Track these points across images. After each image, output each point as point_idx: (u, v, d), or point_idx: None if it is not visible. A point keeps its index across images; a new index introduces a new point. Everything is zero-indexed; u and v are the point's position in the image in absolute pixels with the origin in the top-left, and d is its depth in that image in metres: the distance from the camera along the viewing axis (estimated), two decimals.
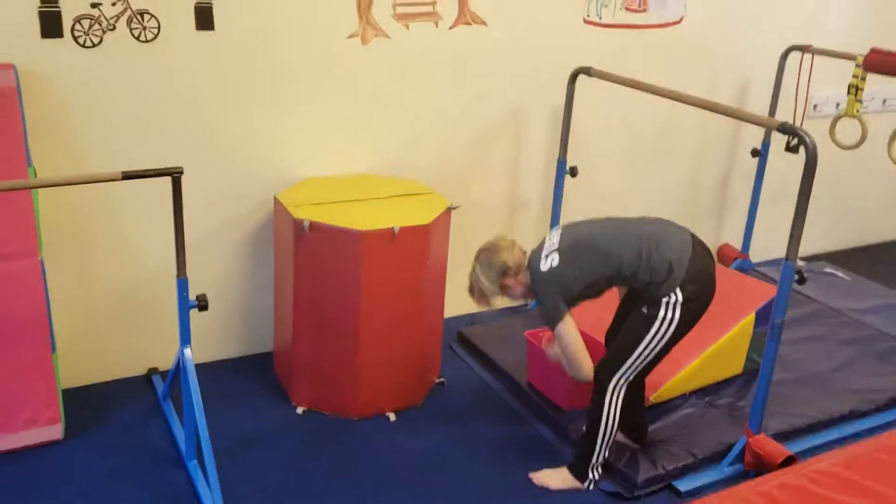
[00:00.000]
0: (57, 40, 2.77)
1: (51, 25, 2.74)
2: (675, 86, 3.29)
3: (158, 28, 2.91)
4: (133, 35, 2.88)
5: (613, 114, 3.96)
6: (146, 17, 2.88)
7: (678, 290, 2.53)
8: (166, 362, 3.32)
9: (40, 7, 2.72)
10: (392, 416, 3.14)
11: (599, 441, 2.68)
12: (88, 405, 3.08)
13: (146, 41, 2.91)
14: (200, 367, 3.26)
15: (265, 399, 3.24)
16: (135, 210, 3.10)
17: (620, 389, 2.65)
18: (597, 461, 2.73)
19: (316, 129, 3.33)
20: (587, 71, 3.51)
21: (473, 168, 3.74)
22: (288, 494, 2.70)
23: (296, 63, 3.19)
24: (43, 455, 2.80)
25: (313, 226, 2.89)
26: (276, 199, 3.13)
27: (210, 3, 2.96)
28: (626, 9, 3.79)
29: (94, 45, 2.83)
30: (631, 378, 2.65)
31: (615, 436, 2.72)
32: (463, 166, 3.70)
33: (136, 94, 2.96)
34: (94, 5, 2.79)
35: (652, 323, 2.56)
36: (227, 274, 3.37)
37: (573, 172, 3.74)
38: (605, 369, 2.65)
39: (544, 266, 2.60)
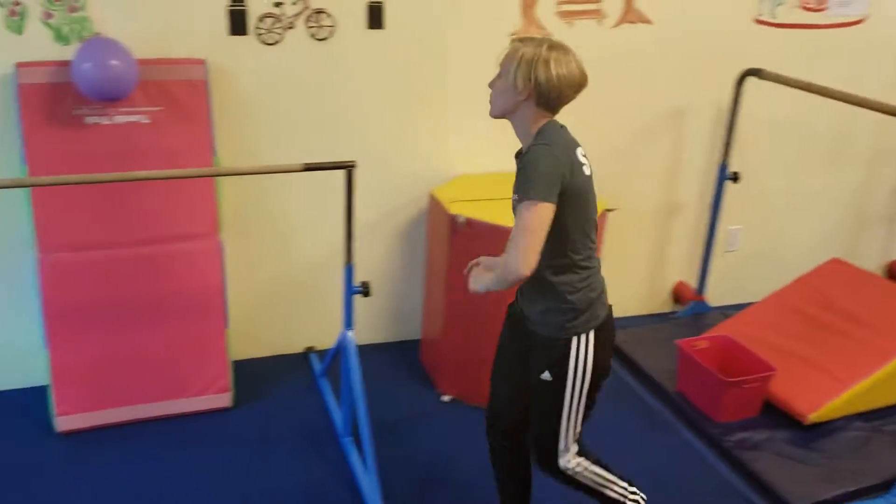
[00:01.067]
0: (242, 37, 2.97)
1: (238, 23, 2.94)
2: (853, 88, 3.12)
3: (334, 26, 3.06)
4: (310, 33, 3.04)
5: (780, 117, 3.79)
6: (323, 15, 3.03)
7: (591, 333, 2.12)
8: (321, 342, 3.52)
9: (230, 6, 2.92)
10: None
11: (609, 494, 2.33)
12: (253, 377, 3.30)
13: (321, 39, 3.06)
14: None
15: (412, 385, 3.35)
16: (305, 200, 3.27)
17: (575, 456, 2.25)
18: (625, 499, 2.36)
19: (473, 127, 3.38)
20: (757, 73, 3.38)
21: (629, 169, 3.69)
22: (435, 479, 2.79)
23: (458, 61, 3.26)
24: (213, 420, 3.03)
25: (469, 222, 2.96)
26: (431, 195, 3.23)
27: (381, 3, 3.08)
28: (803, 7, 3.61)
29: (274, 43, 3.01)
30: (576, 437, 2.23)
31: (610, 476, 2.31)
32: (619, 167, 3.66)
33: (310, 90, 3.12)
34: (276, 4, 2.96)
35: (563, 385, 2.13)
36: (381, 264, 3.50)
37: (735, 178, 3.62)
38: (544, 461, 2.26)
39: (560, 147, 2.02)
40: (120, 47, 2.69)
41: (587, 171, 2.08)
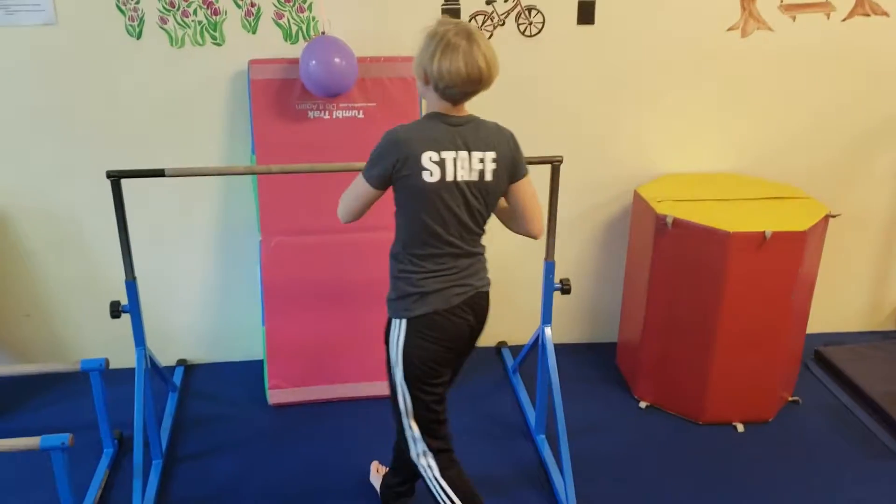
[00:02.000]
0: None
1: None
2: None
3: (543, 23, 3.06)
4: (519, 30, 3.06)
5: None
6: (533, 12, 3.03)
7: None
8: (513, 338, 3.53)
9: (444, 4, 2.99)
10: (740, 427, 3.00)
11: None
12: None
13: (530, 36, 3.07)
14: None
15: (607, 388, 3.28)
16: None
17: (425, 455, 2.22)
18: None
19: (682, 124, 3.27)
20: None
21: (852, 175, 3.41)
22: (629, 483, 2.71)
23: (669, 57, 3.16)
24: None
25: (676, 222, 2.85)
26: (636, 193, 3.14)
27: None
28: None
29: None
30: (423, 431, 2.20)
31: (454, 499, 2.21)
32: (840, 172, 3.39)
33: (518, 86, 3.13)
34: (488, 2, 3.00)
35: (387, 360, 2.19)
36: (580, 262, 3.46)
37: None
38: (400, 443, 2.29)
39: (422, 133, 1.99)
40: (343, 46, 2.83)
41: (430, 178, 1.98)
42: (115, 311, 2.55)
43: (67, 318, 3.29)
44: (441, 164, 1.99)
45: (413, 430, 2.23)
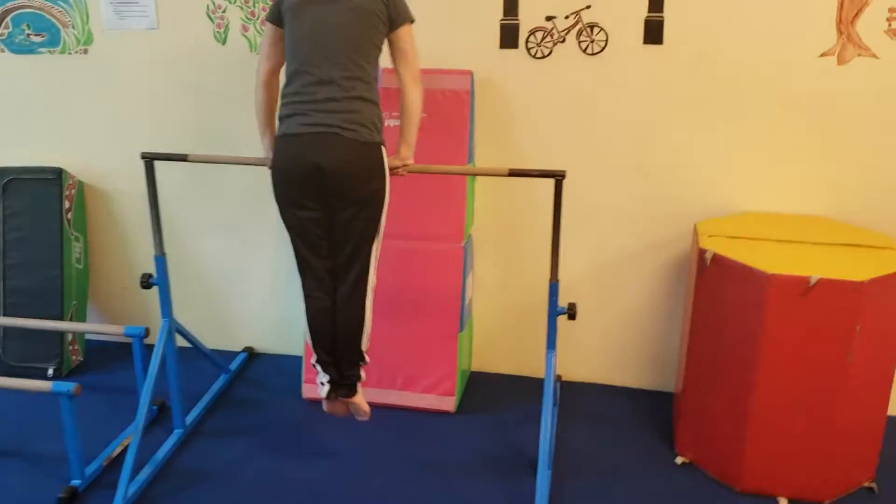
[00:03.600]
0: (513, 50, 3.00)
1: (509, 36, 2.98)
2: None
3: (606, 41, 2.93)
4: (580, 48, 2.95)
5: None
6: (595, 30, 2.92)
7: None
8: (570, 373, 3.35)
9: (502, 19, 2.97)
10: (784, 503, 2.61)
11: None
12: (485, 391, 3.28)
13: (592, 54, 2.95)
14: (600, 387, 3.21)
15: (650, 438, 2.99)
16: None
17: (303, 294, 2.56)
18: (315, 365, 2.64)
19: (763, 158, 2.95)
20: None
21: None
22: None
23: (749, 82, 2.88)
24: (432, 420, 3.07)
25: (716, 259, 2.58)
26: (695, 228, 2.87)
27: (661, 17, 2.86)
28: None
29: (543, 56, 2.98)
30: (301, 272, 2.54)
31: (309, 341, 2.59)
32: None
33: (577, 105, 3.02)
34: (548, 18, 2.94)
35: None
36: (640, 300, 3.21)
37: None
38: None
39: None
40: None
41: None
42: (146, 282, 2.79)
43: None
44: None
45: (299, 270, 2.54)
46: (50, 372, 3.38)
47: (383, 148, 2.44)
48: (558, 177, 2.44)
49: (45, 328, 3.16)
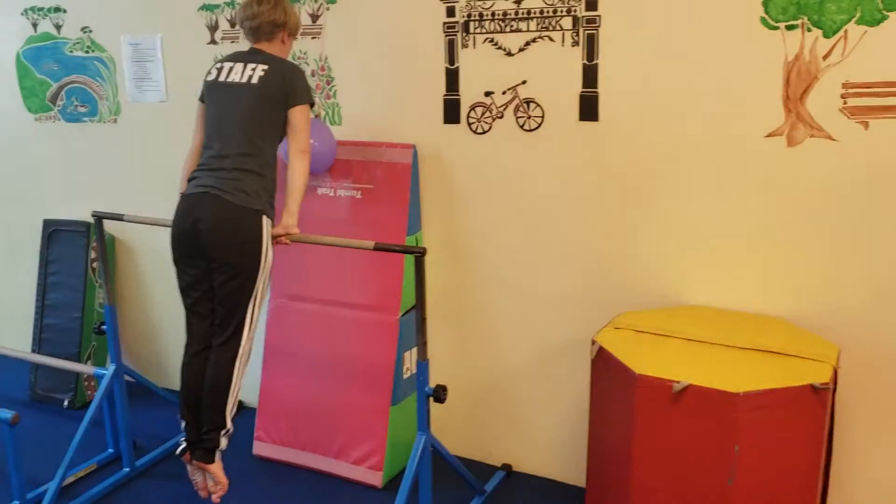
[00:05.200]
0: (455, 125, 2.97)
1: (452, 111, 2.96)
2: None
3: (542, 117, 2.82)
4: (518, 123, 2.86)
5: None
6: (532, 105, 2.82)
7: None
8: (522, 463, 3.16)
9: (445, 94, 2.97)
10: None
11: None
12: None
13: (530, 130, 2.85)
14: (548, 483, 3.12)
15: None
16: (512, 299, 3.04)
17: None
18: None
19: (713, 248, 2.65)
20: None
21: None
22: None
23: (693, 164, 2.62)
24: (358, 493, 3.03)
25: (601, 352, 2.36)
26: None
27: (596, 92, 2.71)
28: None
29: (484, 132, 2.93)
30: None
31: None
32: None
33: (518, 183, 2.92)
34: (487, 93, 2.89)
35: None
36: (581, 387, 2.97)
37: None
38: None
39: None
40: (323, 129, 3.01)
41: (209, 77, 2.70)
42: (98, 329, 3.06)
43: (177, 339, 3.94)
44: (221, 69, 2.66)
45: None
46: (65, 403, 3.77)
47: (264, 217, 2.53)
48: (418, 254, 2.38)
49: (14, 356, 3.50)
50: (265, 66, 2.60)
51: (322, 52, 3.18)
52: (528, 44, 2.78)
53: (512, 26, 2.80)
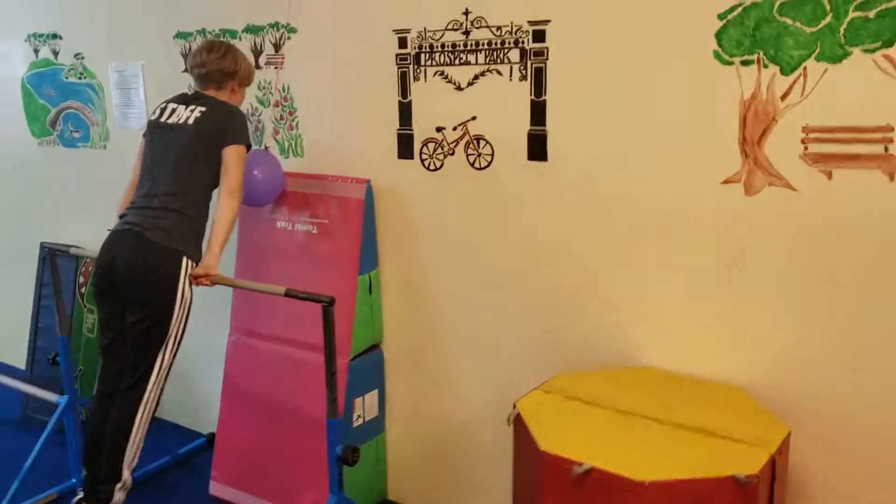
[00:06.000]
0: (409, 161, 2.82)
1: (405, 147, 2.81)
2: None
3: (492, 155, 2.63)
4: (469, 161, 2.68)
5: None
6: (482, 143, 2.64)
7: None
8: None
9: (398, 129, 2.81)
10: None
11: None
12: None
13: (480, 168, 2.66)
14: None
15: None
16: (467, 346, 2.85)
17: None
18: None
19: (660, 304, 2.40)
20: None
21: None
22: None
23: (643, 208, 2.38)
24: None
25: (518, 420, 2.15)
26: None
27: (545, 131, 2.50)
28: None
29: (436, 169, 2.76)
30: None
31: None
32: (881, 410, 2.07)
33: (471, 223, 2.74)
34: (438, 129, 2.72)
35: None
36: None
37: None
38: None
39: None
40: (269, 160, 2.90)
41: (151, 116, 2.75)
42: (53, 360, 3.05)
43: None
44: (164, 109, 2.69)
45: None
46: None
47: (185, 258, 2.45)
48: (325, 303, 2.24)
49: None
50: (203, 108, 2.59)
51: (284, 82, 3.09)
52: (476, 77, 2.60)
53: (461, 58, 2.62)
